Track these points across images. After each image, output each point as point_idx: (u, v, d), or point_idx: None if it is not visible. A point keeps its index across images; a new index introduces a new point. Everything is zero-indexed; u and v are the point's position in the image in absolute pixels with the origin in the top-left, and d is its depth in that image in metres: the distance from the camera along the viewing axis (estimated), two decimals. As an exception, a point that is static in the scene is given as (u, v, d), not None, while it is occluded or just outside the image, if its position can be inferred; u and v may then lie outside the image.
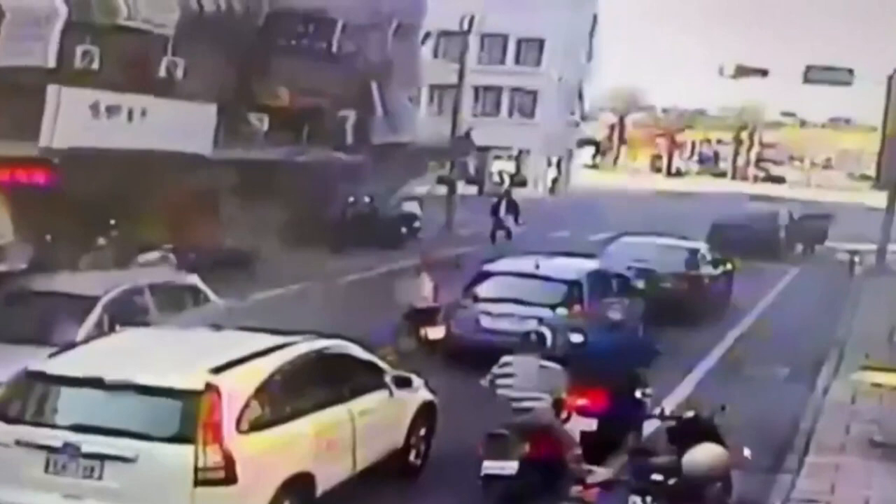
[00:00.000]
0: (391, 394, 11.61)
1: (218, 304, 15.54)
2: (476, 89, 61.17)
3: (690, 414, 10.78)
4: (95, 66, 23.28)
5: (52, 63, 22.15)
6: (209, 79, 26.74)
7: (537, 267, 18.20)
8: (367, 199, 34.45)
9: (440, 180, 45.25)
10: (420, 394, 12.33)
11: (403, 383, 11.90)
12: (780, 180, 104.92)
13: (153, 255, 20.66)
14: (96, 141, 22.33)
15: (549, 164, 69.88)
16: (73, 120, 22.14)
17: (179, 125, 24.66)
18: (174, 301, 14.69)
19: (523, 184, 60.32)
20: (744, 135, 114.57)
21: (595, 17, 71.85)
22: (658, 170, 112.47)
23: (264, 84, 29.63)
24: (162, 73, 25.67)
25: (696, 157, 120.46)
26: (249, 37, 28.41)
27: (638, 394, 12.82)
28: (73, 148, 21.77)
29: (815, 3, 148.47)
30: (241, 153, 27.48)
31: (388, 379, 11.68)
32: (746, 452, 10.57)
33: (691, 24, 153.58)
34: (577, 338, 14.56)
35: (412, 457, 12.12)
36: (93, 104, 22.84)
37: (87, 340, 11.42)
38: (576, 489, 11.13)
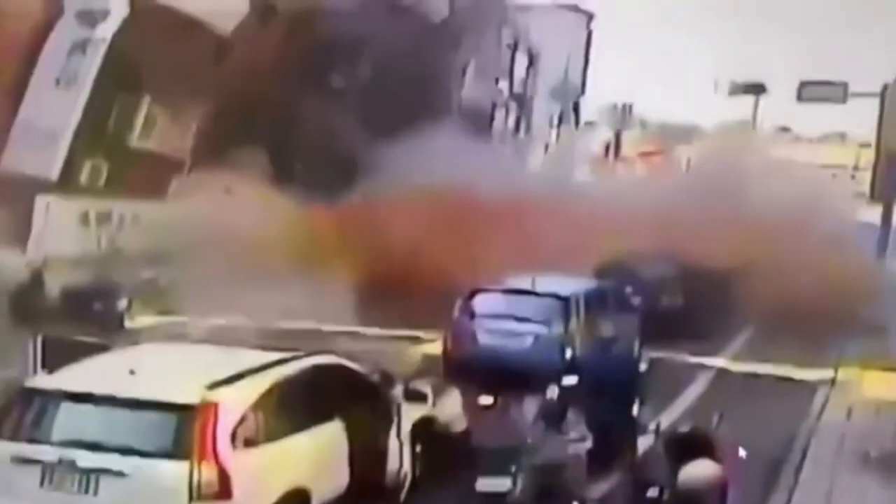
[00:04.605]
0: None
1: None
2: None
3: (686, 428, 10.77)
4: (101, 183, 22.72)
5: (54, 177, 21.82)
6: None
7: (533, 284, 18.15)
8: None
9: None
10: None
11: (418, 397, 11.89)
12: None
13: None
14: (83, 248, 21.94)
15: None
16: (61, 230, 21.78)
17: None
18: None
19: None
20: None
21: (590, 33, 71.92)
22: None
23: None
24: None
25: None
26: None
27: (634, 409, 12.80)
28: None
29: (808, 19, 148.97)
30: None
31: (393, 392, 11.63)
32: (742, 453, 10.57)
33: (686, 40, 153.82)
34: (569, 354, 14.53)
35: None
36: (82, 214, 22.45)
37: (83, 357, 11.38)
38: None
